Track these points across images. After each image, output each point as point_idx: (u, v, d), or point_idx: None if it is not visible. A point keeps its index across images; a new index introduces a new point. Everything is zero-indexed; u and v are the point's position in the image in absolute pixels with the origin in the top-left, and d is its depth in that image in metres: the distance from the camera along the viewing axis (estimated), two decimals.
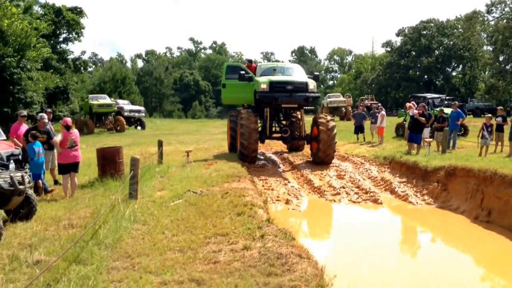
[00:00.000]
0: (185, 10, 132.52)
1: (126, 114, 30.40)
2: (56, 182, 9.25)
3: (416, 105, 14.96)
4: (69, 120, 8.43)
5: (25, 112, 9.51)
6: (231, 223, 5.94)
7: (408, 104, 16.02)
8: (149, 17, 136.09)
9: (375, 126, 17.22)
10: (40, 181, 7.99)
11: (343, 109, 35.51)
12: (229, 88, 14.49)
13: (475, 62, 50.61)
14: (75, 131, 8.37)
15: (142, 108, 34.84)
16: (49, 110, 10.36)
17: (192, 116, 63.72)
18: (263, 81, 12.79)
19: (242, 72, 13.77)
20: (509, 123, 11.59)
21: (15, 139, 8.68)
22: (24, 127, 8.97)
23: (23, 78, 22.93)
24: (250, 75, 13.76)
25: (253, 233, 5.45)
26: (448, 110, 14.88)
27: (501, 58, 39.01)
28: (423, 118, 12.76)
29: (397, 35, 56.10)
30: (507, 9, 35.73)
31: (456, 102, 14.62)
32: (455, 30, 52.28)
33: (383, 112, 16.98)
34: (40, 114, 8.70)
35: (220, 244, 5.16)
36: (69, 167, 8.11)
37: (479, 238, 7.50)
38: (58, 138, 8.13)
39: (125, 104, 32.66)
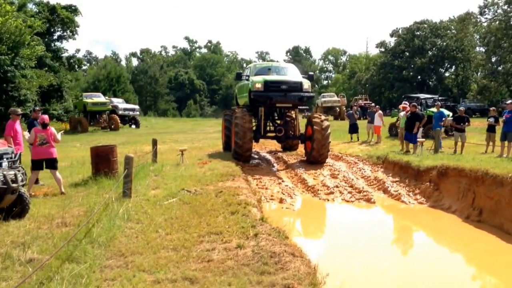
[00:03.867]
0: (181, 9, 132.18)
1: (120, 112, 30.27)
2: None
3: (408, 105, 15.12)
4: (46, 117, 8.46)
5: (19, 110, 9.43)
6: (225, 222, 5.96)
7: (401, 105, 16.25)
8: (144, 16, 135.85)
9: (371, 125, 17.33)
10: None
11: (337, 108, 35.66)
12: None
13: (467, 63, 50.86)
14: (50, 129, 8.37)
15: (136, 107, 34.71)
16: (37, 108, 10.13)
17: (187, 115, 63.64)
18: (257, 81, 12.79)
19: (240, 72, 13.86)
20: (501, 123, 11.69)
21: (11, 137, 8.60)
22: (19, 125, 8.91)
23: (17, 76, 22.78)
24: (247, 75, 13.83)
25: (247, 232, 5.46)
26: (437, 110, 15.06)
27: (493, 59, 39.29)
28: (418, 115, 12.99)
29: (391, 35, 56.22)
30: (499, 10, 35.88)
31: (439, 103, 14.85)
32: (448, 31, 52.46)
33: (380, 112, 17.17)
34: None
35: (213, 242, 5.17)
36: (42, 163, 8.18)
37: (470, 237, 7.59)
38: (31, 135, 8.15)
39: (119, 102, 32.54)
